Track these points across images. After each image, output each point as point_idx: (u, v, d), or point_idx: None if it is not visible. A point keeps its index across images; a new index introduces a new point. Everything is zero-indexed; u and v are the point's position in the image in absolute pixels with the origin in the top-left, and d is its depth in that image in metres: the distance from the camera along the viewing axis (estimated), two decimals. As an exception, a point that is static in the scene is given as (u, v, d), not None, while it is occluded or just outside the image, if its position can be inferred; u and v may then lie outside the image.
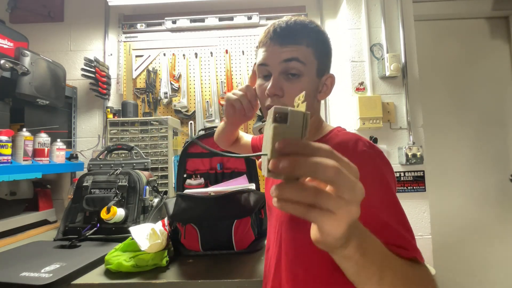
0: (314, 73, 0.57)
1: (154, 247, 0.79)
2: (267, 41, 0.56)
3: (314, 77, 0.57)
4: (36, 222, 1.32)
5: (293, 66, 0.54)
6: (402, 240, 0.43)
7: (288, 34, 0.54)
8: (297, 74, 0.54)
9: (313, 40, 0.56)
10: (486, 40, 1.83)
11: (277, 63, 0.54)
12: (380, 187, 0.47)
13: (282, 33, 0.54)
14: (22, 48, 1.28)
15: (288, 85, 0.54)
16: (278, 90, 0.54)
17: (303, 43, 0.54)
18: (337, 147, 0.51)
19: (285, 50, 0.54)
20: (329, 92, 0.61)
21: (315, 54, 0.56)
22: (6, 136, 1.10)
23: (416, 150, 1.43)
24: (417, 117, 1.50)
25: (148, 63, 1.81)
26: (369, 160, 0.49)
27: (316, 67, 0.56)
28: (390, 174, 0.49)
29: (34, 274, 0.72)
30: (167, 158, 1.51)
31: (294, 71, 0.54)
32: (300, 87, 0.54)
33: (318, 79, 0.58)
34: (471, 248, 1.74)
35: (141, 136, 1.53)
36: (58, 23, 1.85)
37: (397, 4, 1.54)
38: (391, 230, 0.44)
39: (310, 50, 0.55)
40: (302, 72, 0.54)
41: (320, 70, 0.57)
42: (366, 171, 0.46)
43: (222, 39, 1.81)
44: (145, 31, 1.83)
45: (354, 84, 1.53)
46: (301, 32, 0.55)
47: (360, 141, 0.52)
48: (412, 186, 1.46)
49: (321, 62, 0.57)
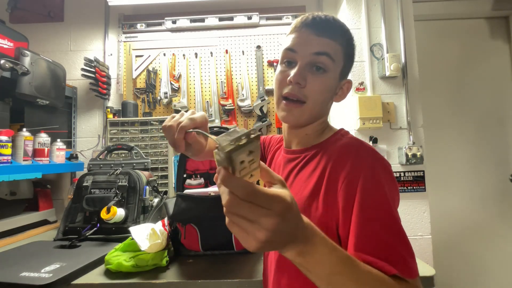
0: (338, 73, 0.57)
1: (154, 247, 0.79)
2: (302, 28, 0.55)
3: (337, 77, 0.57)
4: (36, 222, 1.32)
5: (322, 61, 0.53)
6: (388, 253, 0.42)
7: (326, 26, 0.53)
8: (323, 68, 0.54)
9: (346, 41, 0.56)
10: (486, 40, 1.83)
11: (308, 53, 0.53)
12: (375, 197, 0.46)
13: (321, 23, 0.53)
14: (22, 48, 1.28)
15: (312, 78, 0.53)
16: (302, 79, 0.53)
17: (338, 40, 0.54)
18: (340, 151, 0.51)
19: (319, 41, 0.53)
20: (344, 97, 0.61)
21: (344, 55, 0.56)
22: (6, 136, 1.10)
23: (416, 150, 1.43)
24: (417, 117, 1.50)
25: (148, 63, 1.81)
26: (368, 169, 0.48)
27: (341, 68, 0.57)
28: (388, 183, 0.48)
29: (34, 274, 0.72)
30: (167, 158, 1.51)
31: (321, 65, 0.53)
32: (323, 82, 0.54)
33: (338, 81, 0.58)
34: (471, 248, 1.74)
35: (141, 136, 1.53)
36: (58, 23, 1.85)
37: (397, 4, 1.54)
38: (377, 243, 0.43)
39: (341, 49, 0.55)
40: (329, 69, 0.54)
41: (343, 72, 0.58)
42: (364, 180, 0.47)
43: (222, 39, 1.81)
44: (145, 31, 1.83)
45: (354, 84, 1.53)
46: (338, 29, 0.55)
47: (363, 147, 0.51)
48: (412, 186, 1.46)
49: (346, 64, 0.58)
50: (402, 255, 0.42)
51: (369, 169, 0.48)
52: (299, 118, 0.56)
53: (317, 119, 0.59)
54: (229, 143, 0.29)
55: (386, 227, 0.44)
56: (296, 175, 0.59)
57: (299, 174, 0.58)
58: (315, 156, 0.57)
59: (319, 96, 0.55)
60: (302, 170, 0.58)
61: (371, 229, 0.44)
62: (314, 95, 0.54)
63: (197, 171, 1.22)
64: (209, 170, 1.22)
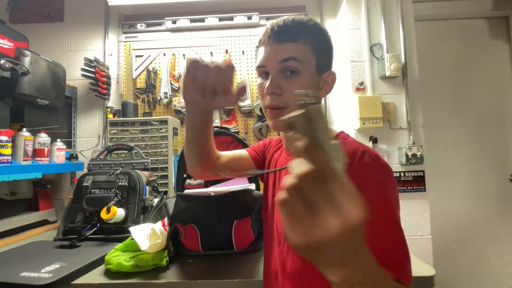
0: (314, 71, 0.56)
1: (154, 247, 0.79)
2: (265, 40, 0.56)
3: (314, 75, 0.57)
4: (36, 222, 1.31)
5: (291, 65, 0.54)
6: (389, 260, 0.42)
7: (285, 32, 0.54)
8: (295, 72, 0.54)
9: (311, 37, 0.56)
10: (486, 40, 1.83)
11: (275, 62, 0.55)
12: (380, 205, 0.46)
13: (280, 31, 0.54)
14: (22, 48, 1.28)
15: (287, 83, 0.55)
16: (276, 88, 0.55)
17: (300, 41, 0.54)
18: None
19: (282, 48, 0.54)
20: (330, 89, 0.60)
21: (314, 51, 0.56)
22: (6, 136, 1.10)
23: (416, 150, 1.43)
24: (417, 117, 1.50)
25: (148, 63, 1.81)
26: (372, 175, 0.48)
27: (315, 64, 0.56)
28: (391, 191, 0.48)
29: (34, 274, 0.72)
30: (167, 158, 1.51)
31: (292, 69, 0.54)
32: (298, 84, 0.54)
33: (318, 76, 0.57)
34: (471, 248, 1.74)
35: (141, 136, 1.53)
36: (58, 23, 1.85)
37: (397, 4, 1.54)
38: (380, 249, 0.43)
39: (308, 48, 0.55)
40: (301, 70, 0.54)
41: (320, 68, 0.57)
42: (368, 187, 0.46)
43: (222, 39, 1.81)
44: (145, 31, 1.83)
45: (354, 84, 1.53)
46: (299, 29, 0.55)
47: (367, 152, 0.50)
48: (412, 186, 1.46)
49: (321, 59, 0.57)
50: (400, 260, 0.43)
51: (374, 176, 0.48)
52: None
53: None
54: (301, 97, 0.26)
55: (388, 233, 0.45)
56: None
57: None
58: None
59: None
60: None
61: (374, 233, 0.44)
62: (293, 98, 0.55)
63: (197, 171, 1.22)
64: (209, 170, 1.22)
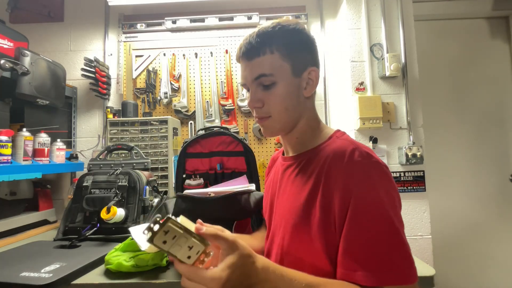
0: (290, 75, 0.56)
1: (154, 247, 0.78)
2: (239, 59, 0.60)
3: (291, 79, 0.57)
4: (36, 222, 1.32)
5: (263, 80, 0.56)
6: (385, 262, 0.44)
7: (251, 49, 0.56)
8: (270, 84, 0.56)
9: (279, 44, 0.55)
10: (486, 40, 1.83)
11: (250, 80, 0.58)
12: (370, 204, 0.46)
13: (246, 49, 0.57)
14: (22, 48, 1.28)
15: (266, 95, 0.57)
16: (256, 102, 0.58)
17: (267, 52, 0.55)
18: (332, 156, 0.52)
19: (252, 65, 0.56)
20: (315, 85, 0.60)
21: (285, 56, 0.56)
22: (6, 136, 1.10)
23: (416, 150, 1.43)
24: (417, 117, 1.50)
25: (148, 63, 1.81)
26: (361, 173, 0.48)
27: (290, 68, 0.56)
28: (385, 187, 0.48)
29: (34, 274, 0.72)
30: (167, 158, 1.51)
31: (266, 83, 0.56)
32: (276, 94, 0.56)
33: (296, 78, 0.57)
34: (471, 248, 1.74)
35: (141, 136, 1.53)
36: (58, 23, 1.85)
37: (397, 4, 1.54)
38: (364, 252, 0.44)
39: (277, 56, 0.55)
40: (275, 80, 0.56)
41: (296, 69, 0.57)
42: (359, 186, 0.47)
43: (222, 39, 1.81)
44: (145, 31, 1.82)
45: (354, 84, 1.53)
46: (264, 42, 0.55)
47: (357, 150, 0.50)
48: (412, 186, 1.46)
49: (296, 60, 0.57)
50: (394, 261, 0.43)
51: (363, 174, 0.48)
52: (272, 129, 0.60)
53: (295, 123, 0.60)
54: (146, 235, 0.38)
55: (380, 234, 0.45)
56: (293, 182, 0.59)
57: (295, 181, 0.59)
58: (309, 162, 0.57)
59: (280, 106, 0.57)
60: (297, 177, 0.58)
61: (361, 237, 0.45)
62: (274, 107, 0.57)
63: (196, 172, 1.22)
64: (208, 170, 1.22)
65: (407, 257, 0.44)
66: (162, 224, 0.37)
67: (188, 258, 0.38)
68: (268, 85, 0.56)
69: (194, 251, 0.38)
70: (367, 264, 0.44)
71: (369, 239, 0.45)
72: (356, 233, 0.46)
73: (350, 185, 0.47)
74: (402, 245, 0.45)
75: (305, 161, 0.58)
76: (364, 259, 0.44)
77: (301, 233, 0.53)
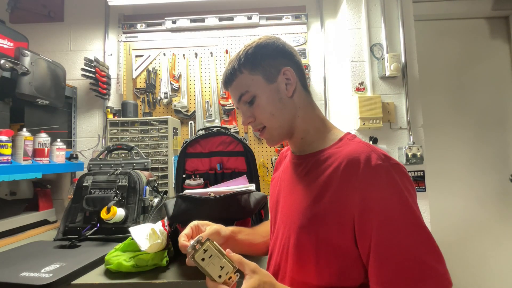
0: (264, 84, 0.60)
1: (154, 247, 0.79)
2: (224, 88, 0.67)
3: (267, 86, 0.60)
4: (36, 222, 1.32)
5: (245, 100, 0.61)
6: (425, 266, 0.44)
7: (226, 78, 0.63)
8: (251, 100, 0.61)
9: (245, 63, 0.60)
10: (486, 40, 1.83)
11: (236, 103, 0.65)
12: (399, 208, 0.45)
13: (224, 80, 0.64)
14: (22, 48, 1.28)
15: (252, 109, 0.62)
16: (248, 118, 0.63)
17: (238, 74, 0.61)
18: (347, 160, 0.51)
19: (232, 90, 0.63)
20: (294, 81, 0.60)
21: (253, 70, 0.60)
22: (6, 136, 1.10)
23: (416, 150, 1.43)
24: (417, 117, 1.50)
25: (148, 63, 1.81)
26: (385, 176, 0.46)
27: (262, 79, 0.60)
28: (409, 190, 0.47)
29: (34, 274, 0.72)
30: (167, 158, 1.51)
31: (248, 99, 0.61)
32: (260, 104, 0.60)
33: (273, 84, 0.60)
34: (471, 248, 1.74)
35: (141, 136, 1.53)
36: (58, 23, 1.85)
37: (397, 4, 1.54)
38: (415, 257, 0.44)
39: (245, 73, 0.60)
40: (254, 94, 0.60)
41: (268, 76, 0.60)
42: (383, 190, 0.46)
43: (222, 39, 1.81)
44: (145, 31, 1.83)
45: (354, 84, 1.53)
46: (233, 68, 0.61)
47: (374, 153, 0.49)
48: (412, 186, 1.45)
49: (265, 69, 0.59)
50: (433, 265, 0.44)
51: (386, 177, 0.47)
52: (272, 138, 0.63)
53: (290, 124, 0.61)
54: (190, 250, 0.46)
55: (418, 240, 0.45)
56: (301, 182, 0.59)
57: (303, 181, 0.58)
58: (320, 163, 0.56)
59: (266, 114, 0.60)
60: (307, 177, 0.58)
61: (396, 247, 0.45)
62: (263, 116, 0.61)
63: (196, 172, 1.22)
64: (208, 170, 1.22)
65: (441, 260, 0.45)
66: (203, 243, 0.46)
67: (219, 277, 0.45)
68: (250, 101, 0.61)
69: (224, 271, 0.46)
70: (409, 273, 0.44)
71: (405, 248, 0.44)
72: (390, 243, 0.45)
73: (372, 189, 0.46)
74: (438, 249, 0.46)
75: (315, 162, 0.58)
76: (405, 268, 0.44)
77: (306, 234, 0.52)
